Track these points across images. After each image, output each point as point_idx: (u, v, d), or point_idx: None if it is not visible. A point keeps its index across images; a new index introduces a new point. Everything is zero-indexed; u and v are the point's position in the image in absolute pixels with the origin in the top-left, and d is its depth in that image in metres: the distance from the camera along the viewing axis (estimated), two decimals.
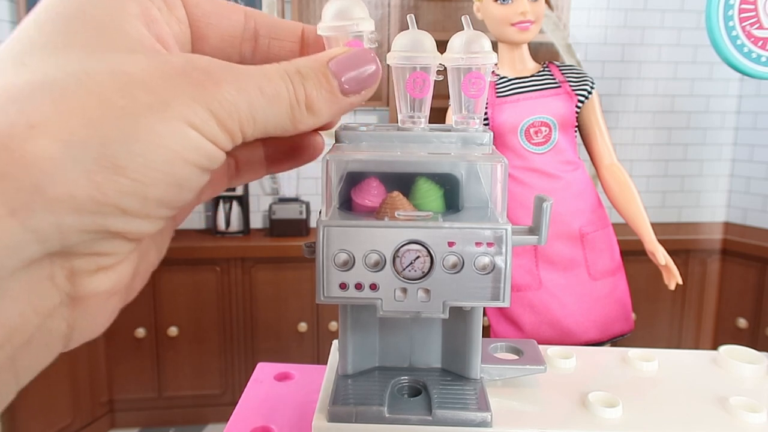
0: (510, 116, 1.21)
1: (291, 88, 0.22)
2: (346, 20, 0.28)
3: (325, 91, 0.23)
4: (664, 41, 2.18)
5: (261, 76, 0.22)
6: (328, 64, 0.24)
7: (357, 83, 0.24)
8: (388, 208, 0.33)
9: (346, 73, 0.24)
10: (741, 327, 1.99)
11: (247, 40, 0.27)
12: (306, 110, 0.23)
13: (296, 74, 0.23)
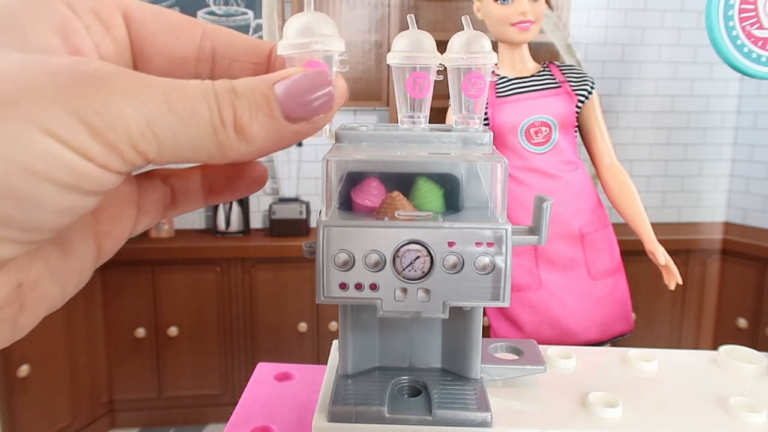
0: (510, 116, 1.21)
1: (214, 107, 0.19)
2: (309, 38, 0.24)
3: (263, 114, 0.20)
4: (664, 41, 2.18)
5: (173, 90, 0.19)
6: (274, 85, 0.20)
7: (305, 109, 0.21)
8: (388, 208, 0.33)
9: (293, 96, 0.21)
10: (741, 327, 1.99)
11: (204, 61, 0.24)
12: (235, 134, 0.20)
13: (227, 92, 0.20)
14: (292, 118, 0.21)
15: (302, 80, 0.21)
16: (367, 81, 2.09)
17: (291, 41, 0.24)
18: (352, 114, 2.15)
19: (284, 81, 0.21)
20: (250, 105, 0.20)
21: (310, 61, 0.24)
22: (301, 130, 0.21)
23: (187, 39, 0.24)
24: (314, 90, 0.21)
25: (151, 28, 0.23)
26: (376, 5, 2.03)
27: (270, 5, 1.96)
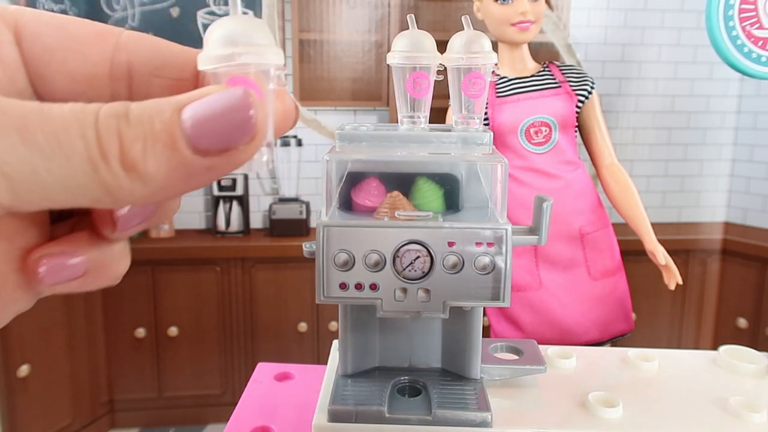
0: (510, 116, 1.21)
1: (92, 137, 0.15)
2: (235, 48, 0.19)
3: (162, 145, 0.16)
4: (664, 41, 2.18)
5: (34, 116, 0.15)
6: (182, 108, 0.16)
7: (217, 138, 0.16)
8: (388, 208, 0.33)
9: (204, 123, 0.16)
10: (741, 327, 1.99)
11: (119, 79, 0.20)
12: (124, 171, 0.16)
13: (114, 118, 0.16)
14: (202, 151, 0.16)
15: (218, 102, 0.17)
16: (367, 81, 2.09)
17: (212, 53, 0.19)
18: (352, 114, 2.15)
19: (195, 102, 0.17)
20: (146, 134, 0.16)
21: (236, 77, 0.19)
22: (214, 166, 0.17)
23: (95, 53, 0.20)
24: (229, 114, 0.17)
25: (49, 43, 0.20)
26: (376, 5, 2.03)
27: (270, 5, 1.96)
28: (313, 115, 2.08)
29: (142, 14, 1.95)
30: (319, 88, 2.09)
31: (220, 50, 0.19)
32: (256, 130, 0.17)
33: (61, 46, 0.20)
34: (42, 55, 0.20)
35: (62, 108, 0.16)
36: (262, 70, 0.19)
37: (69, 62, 0.20)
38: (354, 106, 2.12)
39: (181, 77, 0.21)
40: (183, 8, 1.96)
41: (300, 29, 2.04)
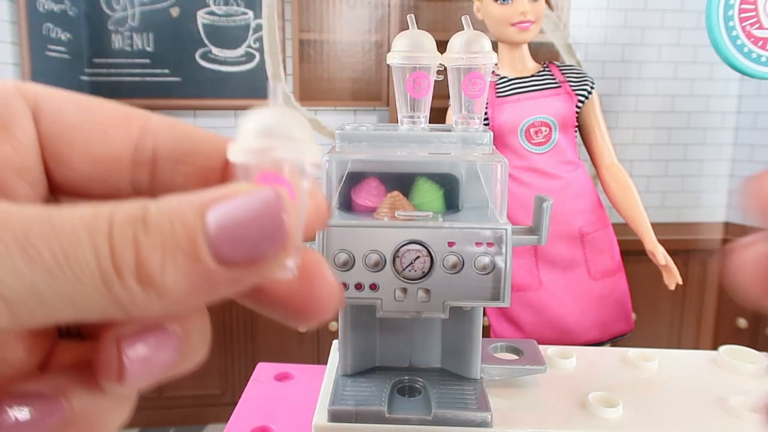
0: (510, 116, 1.21)
1: (104, 248, 0.14)
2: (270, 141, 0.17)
3: (182, 255, 0.14)
4: (664, 41, 2.18)
5: (39, 223, 0.13)
6: (206, 210, 0.14)
7: (246, 248, 0.15)
8: (388, 208, 0.33)
9: (230, 229, 0.14)
10: (741, 327, 1.99)
11: (142, 165, 0.19)
12: (139, 286, 0.14)
13: (131, 223, 0.14)
14: (226, 261, 0.14)
15: (242, 205, 0.15)
16: (367, 81, 2.09)
17: (245, 144, 0.17)
18: (352, 114, 2.15)
19: (220, 206, 0.15)
20: (165, 242, 0.14)
21: (268, 173, 0.17)
22: (239, 279, 0.15)
23: (119, 136, 0.19)
24: (258, 220, 0.15)
25: (70, 122, 0.18)
26: (376, 5, 2.03)
27: (270, 5, 1.96)
28: (313, 115, 2.08)
29: (142, 14, 1.95)
30: (319, 88, 2.09)
31: (254, 142, 0.17)
32: (288, 237, 0.15)
33: (85, 125, 0.19)
34: (63, 134, 0.18)
35: (72, 215, 0.14)
36: (297, 167, 0.17)
37: (91, 143, 0.19)
38: (354, 106, 2.12)
39: (208, 165, 0.19)
40: (183, 8, 1.96)
41: (300, 29, 2.04)
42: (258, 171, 0.17)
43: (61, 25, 1.84)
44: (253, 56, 2.02)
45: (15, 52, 1.72)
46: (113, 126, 0.19)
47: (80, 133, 0.18)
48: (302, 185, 0.17)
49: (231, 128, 2.09)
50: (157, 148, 0.19)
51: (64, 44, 1.86)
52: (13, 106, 0.18)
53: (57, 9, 1.82)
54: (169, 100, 2.02)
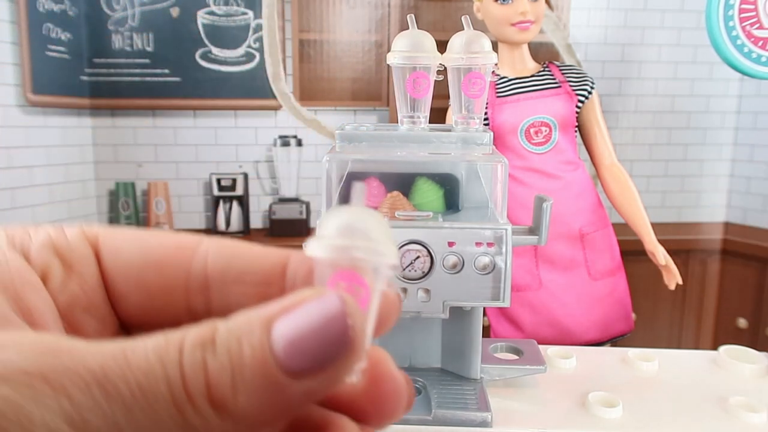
0: (510, 116, 1.21)
1: (176, 376, 0.14)
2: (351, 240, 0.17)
3: (252, 373, 0.14)
4: (664, 41, 2.17)
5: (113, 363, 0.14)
6: (272, 324, 0.14)
7: (313, 357, 0.14)
8: (388, 208, 0.33)
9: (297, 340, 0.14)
10: (741, 327, 1.99)
11: (197, 291, 0.19)
12: (212, 409, 0.14)
13: (200, 348, 0.14)
14: (295, 373, 0.14)
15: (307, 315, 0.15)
16: (367, 81, 2.09)
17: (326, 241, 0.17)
18: (352, 114, 2.15)
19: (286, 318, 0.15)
20: (234, 363, 0.14)
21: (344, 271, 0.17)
22: (311, 389, 0.14)
23: (172, 267, 0.19)
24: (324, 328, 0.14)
25: (127, 259, 0.19)
26: (376, 5, 2.03)
27: (270, 5, 1.96)
28: (313, 115, 2.08)
29: (142, 14, 1.95)
30: (319, 88, 2.09)
31: (335, 239, 0.17)
32: (355, 344, 0.15)
33: (140, 260, 0.19)
34: (121, 271, 0.19)
35: (145, 346, 0.14)
36: (373, 268, 0.17)
37: (146, 277, 0.19)
38: (354, 106, 2.12)
39: (262, 281, 0.19)
40: (183, 8, 1.96)
41: (300, 29, 2.04)
42: (335, 269, 0.17)
43: (61, 25, 1.84)
44: (253, 56, 2.02)
45: (15, 52, 1.72)
46: (167, 257, 0.19)
47: (135, 268, 0.19)
48: (377, 286, 0.17)
49: (231, 128, 2.09)
50: (208, 272, 0.19)
51: (64, 44, 1.86)
52: (77, 249, 0.19)
53: (57, 9, 1.82)
54: (169, 100, 2.02)
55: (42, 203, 1.83)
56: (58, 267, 0.19)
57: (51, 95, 1.82)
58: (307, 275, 0.19)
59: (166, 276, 0.19)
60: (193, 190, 2.11)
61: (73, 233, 0.20)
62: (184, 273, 0.19)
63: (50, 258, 0.19)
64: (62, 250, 0.19)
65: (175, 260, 0.19)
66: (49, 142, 1.85)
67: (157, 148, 2.07)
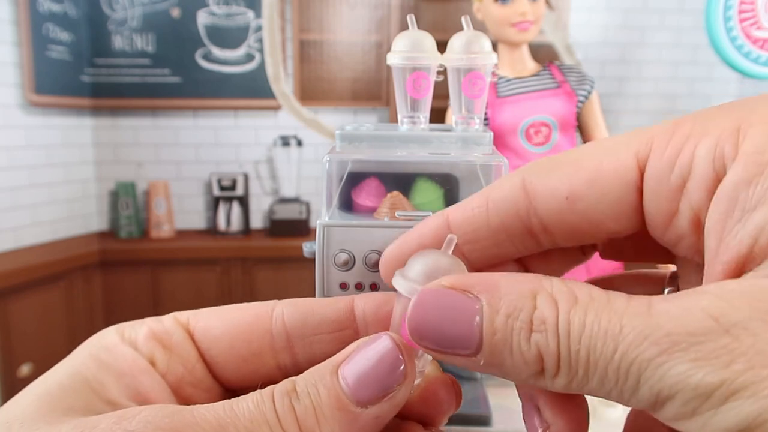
0: (510, 116, 1.21)
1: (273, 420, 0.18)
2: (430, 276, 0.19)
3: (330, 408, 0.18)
4: (664, 41, 2.18)
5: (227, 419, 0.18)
6: (339, 369, 0.18)
7: (377, 387, 0.18)
8: (388, 208, 0.33)
9: (362, 378, 0.18)
10: None
11: (281, 350, 0.22)
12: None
13: (287, 396, 0.18)
14: (365, 402, 0.18)
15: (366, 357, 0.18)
16: (367, 81, 2.09)
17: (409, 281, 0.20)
18: (352, 114, 2.15)
19: (349, 362, 0.18)
20: (314, 403, 0.18)
21: None
22: (380, 413, 0.18)
23: (256, 334, 0.22)
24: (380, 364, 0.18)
25: (217, 336, 0.23)
26: (376, 5, 2.03)
27: (270, 5, 1.96)
28: (313, 115, 2.08)
29: (142, 14, 1.96)
30: (319, 88, 2.09)
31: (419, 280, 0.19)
32: (406, 372, 0.18)
33: (226, 334, 0.23)
34: (213, 347, 0.22)
35: (247, 402, 0.18)
36: None
37: (236, 348, 0.22)
38: (354, 106, 2.12)
39: (338, 329, 0.22)
40: (183, 8, 1.96)
41: (300, 29, 2.04)
42: None
43: (62, 26, 1.84)
44: (253, 56, 2.02)
45: (15, 52, 1.72)
46: (249, 326, 0.23)
47: (226, 342, 0.22)
48: None
49: (231, 128, 2.09)
50: (288, 332, 0.22)
51: (65, 44, 1.86)
52: (175, 335, 0.23)
53: (57, 9, 1.82)
54: (170, 100, 2.02)
55: (43, 203, 1.83)
56: (162, 353, 0.22)
57: (52, 95, 1.82)
58: (374, 311, 0.22)
59: (253, 343, 0.22)
60: (194, 190, 2.11)
61: (169, 321, 0.23)
62: (268, 337, 0.22)
63: (154, 346, 0.22)
64: (163, 338, 0.22)
65: (257, 328, 0.23)
66: (50, 142, 1.85)
67: (158, 148, 2.07)
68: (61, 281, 1.73)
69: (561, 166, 0.19)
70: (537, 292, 0.16)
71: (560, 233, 0.20)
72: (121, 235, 1.98)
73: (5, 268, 1.59)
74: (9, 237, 1.72)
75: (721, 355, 0.13)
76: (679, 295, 0.15)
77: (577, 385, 0.16)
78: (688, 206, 0.17)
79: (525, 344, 0.16)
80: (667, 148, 0.18)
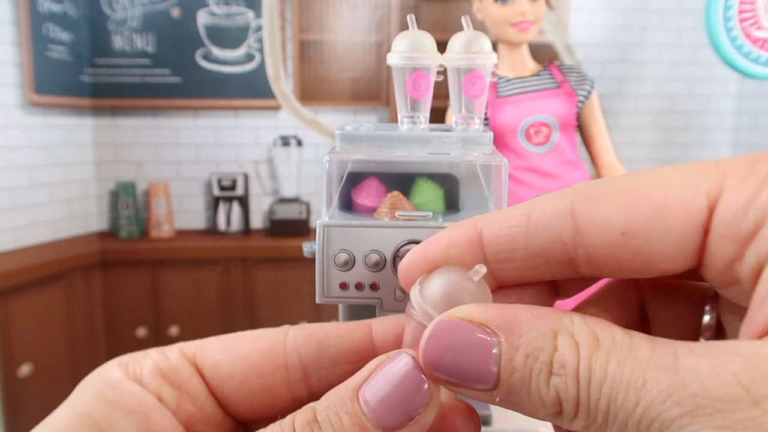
0: (510, 116, 1.21)
1: None
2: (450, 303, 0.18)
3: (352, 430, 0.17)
4: (664, 41, 2.18)
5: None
6: (359, 392, 0.17)
7: (401, 411, 0.17)
8: (388, 208, 0.33)
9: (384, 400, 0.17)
10: None
11: (295, 381, 0.21)
12: None
13: (308, 426, 0.17)
14: (390, 426, 0.17)
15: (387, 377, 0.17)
16: (367, 81, 2.09)
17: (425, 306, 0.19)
18: (352, 114, 2.16)
19: (370, 384, 0.17)
20: (337, 430, 0.17)
21: None
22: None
23: (269, 368, 0.21)
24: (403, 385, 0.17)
25: (227, 371, 0.21)
26: (376, 5, 2.03)
27: (270, 5, 1.96)
28: (313, 115, 2.08)
29: (142, 14, 1.96)
30: (320, 88, 2.09)
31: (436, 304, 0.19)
32: (431, 390, 0.17)
33: (239, 370, 0.21)
34: (224, 382, 0.21)
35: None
36: None
37: (248, 383, 0.21)
38: (354, 106, 2.12)
39: (357, 358, 0.21)
40: (183, 8, 1.96)
41: (300, 29, 2.04)
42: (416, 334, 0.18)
43: (62, 26, 1.84)
44: (253, 56, 2.02)
45: (15, 52, 1.72)
46: (261, 360, 0.21)
47: (237, 378, 0.21)
48: None
49: (231, 128, 2.09)
50: (303, 363, 0.21)
51: (65, 44, 1.86)
52: (182, 371, 0.21)
53: (57, 9, 1.82)
54: (170, 101, 2.02)
55: (43, 203, 1.83)
56: (169, 390, 0.21)
57: (52, 95, 1.82)
58: (395, 339, 0.21)
59: (266, 378, 0.21)
60: (194, 190, 2.11)
61: (175, 356, 0.21)
62: (282, 370, 0.21)
63: (161, 383, 0.21)
64: (169, 374, 0.21)
65: (270, 362, 0.21)
66: (50, 142, 1.85)
67: (158, 148, 2.07)
68: (61, 281, 1.73)
69: (617, 196, 0.17)
70: (558, 331, 0.16)
71: (607, 268, 0.18)
72: (121, 235, 1.98)
73: (5, 268, 1.59)
74: (9, 237, 1.72)
75: (747, 427, 0.13)
76: (708, 350, 0.14)
77: (595, 429, 0.15)
78: (755, 254, 0.15)
79: (544, 387, 0.16)
80: (742, 188, 0.16)
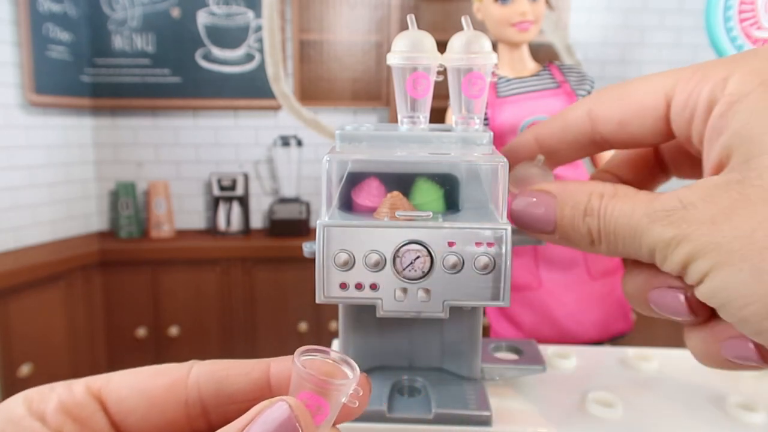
0: (510, 116, 1.21)
1: None
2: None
3: None
4: (663, 41, 2.18)
5: None
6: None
7: None
8: (388, 208, 0.33)
9: None
10: None
11: (196, 417, 0.22)
12: None
13: None
14: None
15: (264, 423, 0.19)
16: (367, 81, 2.09)
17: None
18: (352, 114, 2.16)
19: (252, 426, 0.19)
20: None
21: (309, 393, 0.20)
22: None
23: (170, 404, 0.22)
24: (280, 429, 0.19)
25: (130, 406, 0.22)
26: (376, 5, 2.03)
27: (270, 5, 1.96)
28: (313, 115, 2.08)
29: (142, 14, 1.96)
30: (319, 88, 2.09)
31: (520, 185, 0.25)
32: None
33: (141, 405, 0.22)
34: (127, 417, 0.22)
35: None
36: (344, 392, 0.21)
37: (149, 418, 0.22)
38: (354, 106, 2.12)
39: (253, 397, 0.22)
40: (183, 8, 1.96)
41: (300, 29, 2.04)
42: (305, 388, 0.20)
43: (62, 26, 1.84)
44: (253, 56, 2.02)
45: (15, 52, 1.72)
46: (163, 397, 0.22)
47: (139, 412, 0.22)
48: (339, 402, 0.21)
49: (231, 128, 2.09)
50: (203, 399, 0.22)
51: (65, 44, 1.86)
52: (86, 406, 0.22)
53: (57, 9, 1.82)
54: (170, 101, 2.02)
55: (42, 203, 1.83)
56: (71, 426, 0.21)
57: (52, 95, 1.82)
58: (289, 382, 0.22)
59: (167, 413, 0.22)
60: (194, 190, 2.11)
61: (80, 391, 0.22)
62: (183, 406, 0.22)
63: (63, 420, 0.21)
64: (73, 410, 0.22)
65: (172, 397, 0.22)
66: (50, 141, 1.85)
67: (158, 148, 2.07)
68: (61, 281, 1.73)
69: (615, 99, 0.28)
70: (591, 192, 0.26)
71: (615, 143, 0.29)
72: (121, 235, 1.98)
73: (5, 268, 1.59)
74: (9, 237, 1.72)
75: (677, 220, 0.22)
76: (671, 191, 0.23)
77: (613, 248, 0.25)
78: (696, 131, 0.25)
79: (581, 225, 0.26)
80: (684, 90, 0.25)
